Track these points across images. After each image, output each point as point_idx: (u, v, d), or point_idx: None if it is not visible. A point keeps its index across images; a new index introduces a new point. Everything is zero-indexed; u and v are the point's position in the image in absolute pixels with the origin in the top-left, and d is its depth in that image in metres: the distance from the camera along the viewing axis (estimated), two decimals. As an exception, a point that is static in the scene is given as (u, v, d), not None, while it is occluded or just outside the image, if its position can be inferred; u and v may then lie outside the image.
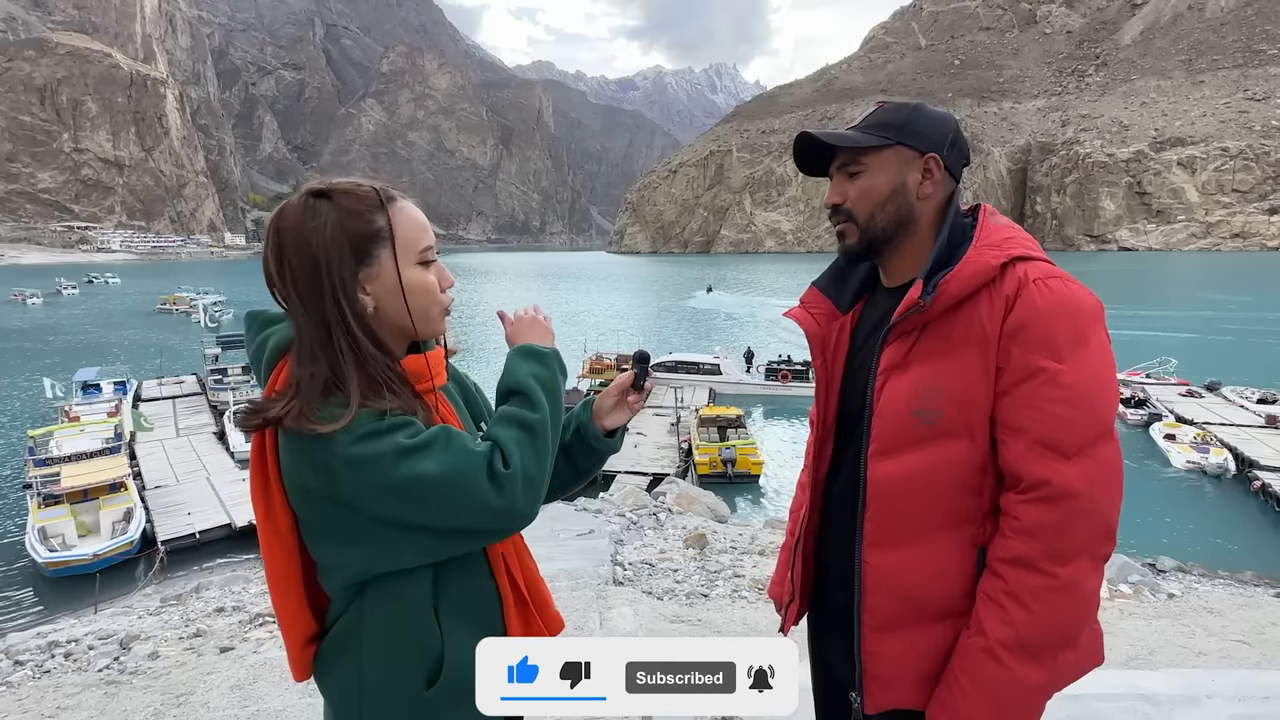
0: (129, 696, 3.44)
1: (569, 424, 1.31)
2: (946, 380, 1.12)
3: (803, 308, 1.38)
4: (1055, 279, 1.11)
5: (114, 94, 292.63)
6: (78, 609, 9.62)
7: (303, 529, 1.06)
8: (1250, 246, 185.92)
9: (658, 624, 4.05)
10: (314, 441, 0.96)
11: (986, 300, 1.12)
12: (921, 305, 1.13)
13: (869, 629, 1.17)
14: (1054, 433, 1.05)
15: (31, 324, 55.69)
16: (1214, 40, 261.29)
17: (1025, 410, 1.07)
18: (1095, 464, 1.05)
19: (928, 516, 1.14)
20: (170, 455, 19.99)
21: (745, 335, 45.84)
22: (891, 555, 1.16)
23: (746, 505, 17.42)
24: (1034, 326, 1.08)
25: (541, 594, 1.22)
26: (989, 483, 1.12)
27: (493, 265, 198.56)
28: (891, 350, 1.19)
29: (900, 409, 1.15)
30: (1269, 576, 8.53)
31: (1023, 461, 1.07)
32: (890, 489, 1.16)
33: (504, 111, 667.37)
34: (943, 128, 1.24)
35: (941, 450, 1.12)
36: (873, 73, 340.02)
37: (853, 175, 1.25)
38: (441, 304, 1.11)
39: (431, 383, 1.11)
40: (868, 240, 1.25)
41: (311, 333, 1.01)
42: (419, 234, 1.07)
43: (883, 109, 1.27)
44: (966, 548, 1.13)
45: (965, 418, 1.11)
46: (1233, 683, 2.86)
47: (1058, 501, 1.04)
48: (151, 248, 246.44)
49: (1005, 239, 1.17)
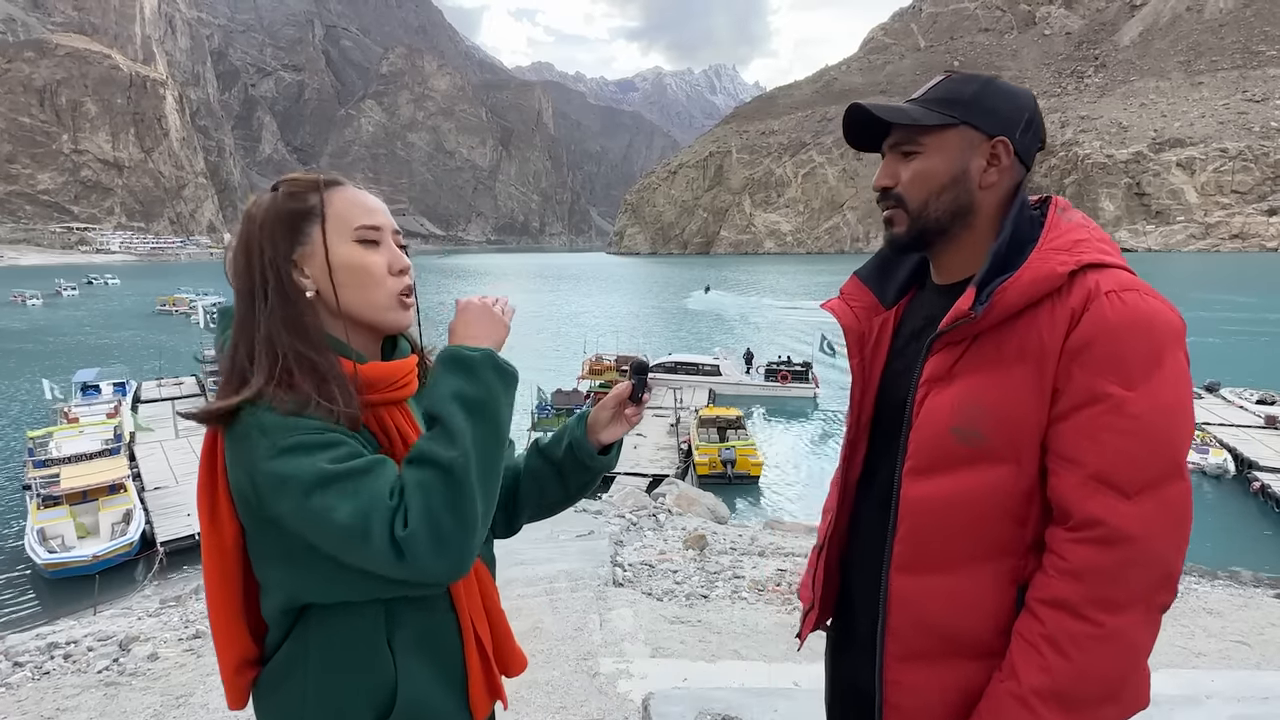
0: (128, 698, 3.44)
1: (561, 439, 1.23)
2: (993, 398, 1.00)
3: (842, 299, 1.27)
4: (1132, 291, 0.97)
5: (113, 95, 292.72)
6: (77, 610, 9.60)
7: (247, 542, 0.99)
8: (1249, 247, 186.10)
9: (658, 625, 4.05)
10: (239, 443, 0.91)
11: (1048, 312, 0.98)
12: (972, 316, 1.01)
13: (891, 656, 1.08)
14: (1114, 467, 0.93)
15: (31, 325, 55.64)
16: (1213, 41, 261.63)
17: (1084, 440, 0.95)
18: (1159, 505, 0.93)
19: (964, 544, 1.03)
20: (169, 456, 19.94)
21: (745, 336, 45.87)
22: (921, 582, 1.06)
23: (746, 506, 17.41)
24: (1101, 345, 0.94)
25: (504, 630, 1.15)
26: (1034, 513, 1.00)
27: (492, 266, 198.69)
28: (936, 360, 1.07)
29: (940, 425, 1.04)
30: (1268, 577, 8.54)
31: (1075, 496, 0.95)
32: (924, 511, 1.05)
33: (503, 113, 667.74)
34: (1018, 105, 1.08)
35: (983, 474, 1.00)
36: (872, 74, 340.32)
37: (907, 155, 1.11)
38: (389, 288, 1.01)
39: (387, 394, 1.02)
40: (918, 230, 1.11)
41: (239, 313, 0.98)
42: (356, 211, 1.00)
43: (949, 80, 1.12)
44: (1004, 582, 1.01)
45: (1011, 440, 0.99)
46: (1232, 683, 2.84)
47: (1112, 544, 0.92)
48: (151, 249, 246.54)
49: (1077, 241, 1.02)
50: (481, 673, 1.08)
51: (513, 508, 1.25)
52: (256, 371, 0.93)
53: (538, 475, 1.23)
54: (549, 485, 1.23)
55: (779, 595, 5.25)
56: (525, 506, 1.25)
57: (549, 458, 1.23)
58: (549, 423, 21.91)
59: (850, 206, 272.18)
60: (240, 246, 0.99)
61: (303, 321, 0.97)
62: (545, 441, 1.26)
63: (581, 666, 3.40)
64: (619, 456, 1.26)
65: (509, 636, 1.15)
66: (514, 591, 4.61)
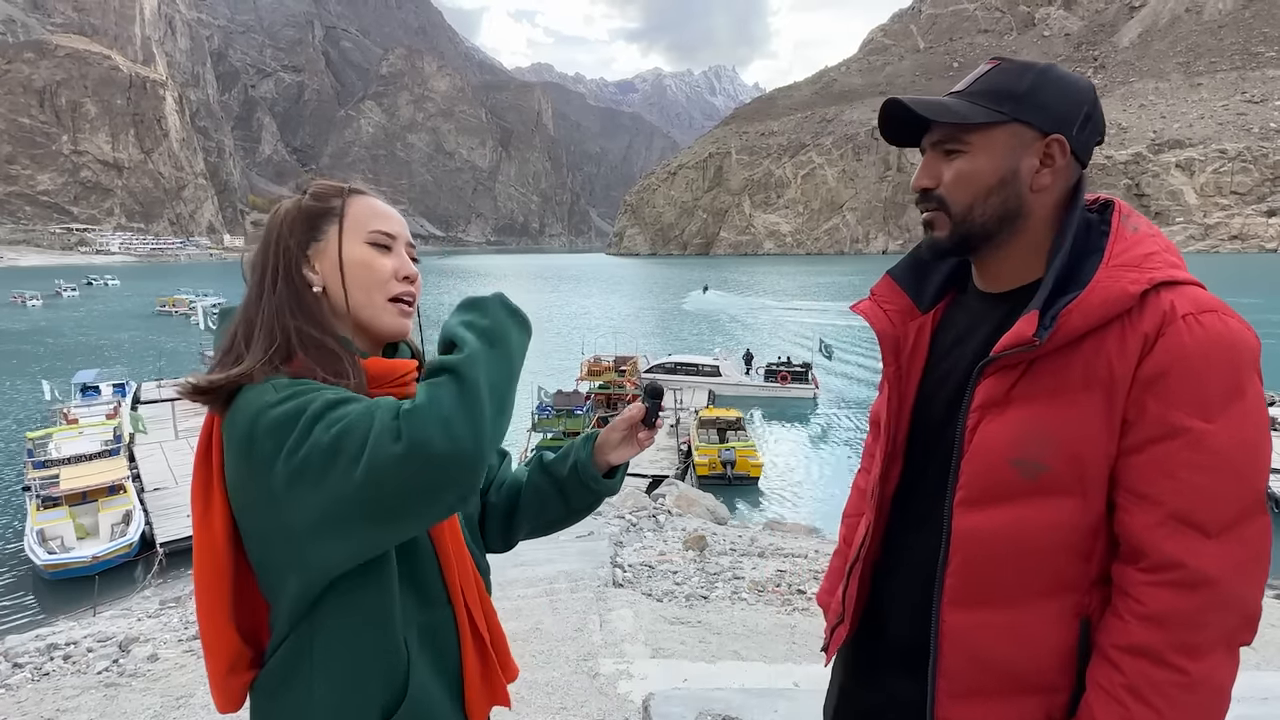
0: (128, 699, 3.44)
1: (566, 457, 1.21)
2: (1058, 429, 0.93)
3: (874, 301, 1.18)
4: (1210, 313, 0.89)
5: (113, 96, 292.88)
6: (76, 611, 9.61)
7: (247, 540, 0.96)
8: (1249, 248, 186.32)
9: (658, 626, 4.05)
10: (241, 412, 0.89)
11: (1118, 336, 0.90)
12: (1035, 344, 0.92)
13: (944, 694, 1.02)
14: (1196, 506, 0.87)
15: (31, 326, 55.64)
16: (1212, 43, 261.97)
17: (1161, 478, 0.88)
18: (1241, 544, 0.87)
19: (1023, 579, 0.96)
20: (169, 457, 19.93)
21: (744, 337, 45.89)
22: (977, 617, 0.99)
23: (746, 507, 17.41)
24: (1179, 376, 0.87)
25: (500, 634, 1.13)
26: (1100, 548, 0.94)
27: (491, 267, 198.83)
28: (990, 385, 0.98)
29: (997, 456, 0.96)
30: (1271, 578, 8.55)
31: (1153, 537, 0.88)
32: (980, 544, 0.98)
33: (503, 114, 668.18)
34: (1076, 99, 0.99)
35: (1045, 507, 0.94)
36: (871, 75, 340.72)
37: (950, 154, 1.02)
38: (388, 290, 1.02)
39: (388, 390, 1.00)
40: (961, 236, 1.03)
41: (246, 300, 1.00)
42: (373, 216, 1.03)
43: (998, 70, 1.01)
44: (1068, 618, 0.95)
45: (1078, 473, 0.92)
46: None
47: (1194, 589, 0.86)
48: (150, 249, 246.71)
49: (1146, 255, 0.93)
50: (479, 668, 1.07)
51: (511, 522, 1.24)
52: (254, 350, 0.93)
53: (539, 491, 1.22)
54: (550, 502, 1.22)
55: (779, 596, 5.25)
56: (524, 522, 1.24)
57: (552, 475, 1.22)
58: (549, 423, 21.91)
59: (850, 207, 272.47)
60: (260, 242, 1.02)
61: (309, 307, 0.98)
62: (550, 458, 1.24)
63: (582, 667, 3.39)
64: (623, 480, 1.25)
65: (504, 641, 1.14)
66: (514, 592, 4.62)
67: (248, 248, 1.05)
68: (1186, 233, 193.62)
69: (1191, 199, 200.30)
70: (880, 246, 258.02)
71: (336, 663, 0.95)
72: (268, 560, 0.95)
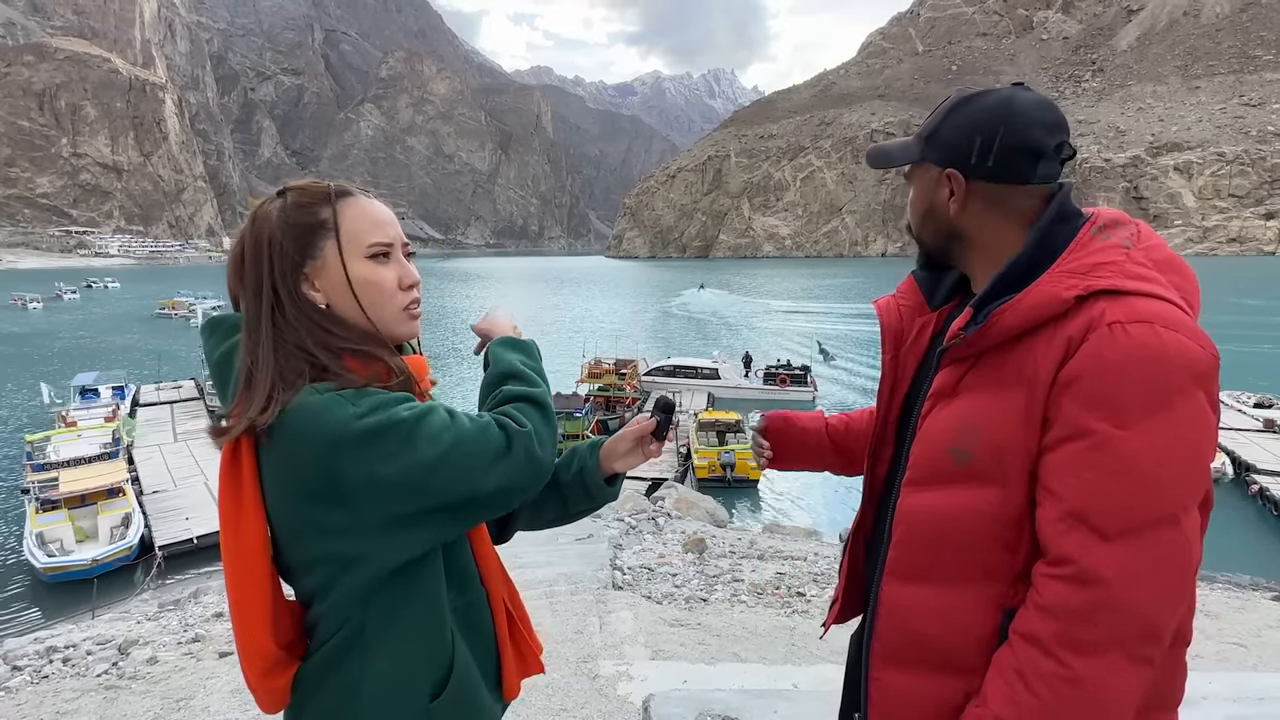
0: (128, 701, 3.45)
1: (572, 461, 1.26)
2: (986, 420, 0.98)
3: (894, 297, 1.27)
4: (1142, 324, 0.89)
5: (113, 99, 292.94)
6: (75, 614, 9.59)
7: (297, 541, 0.98)
8: (1248, 251, 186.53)
9: (657, 628, 4.05)
10: (305, 429, 0.90)
11: (1047, 338, 0.95)
12: (961, 337, 1.01)
13: (877, 656, 1.10)
14: (1094, 507, 0.89)
15: (32, 329, 55.57)
16: (1210, 46, 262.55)
17: (1065, 475, 0.91)
18: (1141, 551, 0.87)
19: (951, 561, 1.02)
20: (168, 460, 19.93)
21: (744, 339, 45.90)
22: (909, 591, 1.06)
23: (745, 510, 17.41)
24: (1092, 380, 0.90)
25: (523, 610, 1.20)
26: (1025, 542, 0.97)
27: (491, 270, 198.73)
28: (944, 375, 1.07)
29: (939, 442, 1.04)
30: (1267, 580, 8.55)
31: (1053, 531, 0.92)
32: (917, 523, 1.05)
33: (502, 116, 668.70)
34: (967, 134, 1.04)
35: (973, 495, 0.99)
36: (870, 78, 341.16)
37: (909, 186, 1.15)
38: (397, 303, 1.04)
39: (426, 384, 1.08)
40: (925, 254, 1.17)
41: (249, 325, 0.99)
42: (368, 227, 1.02)
43: (938, 108, 1.10)
44: (990, 607, 1.00)
45: (1000, 464, 0.97)
46: (1229, 685, 2.85)
47: (1083, 585, 0.89)
48: (150, 252, 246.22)
49: (1096, 265, 0.96)
50: (512, 646, 1.13)
51: (509, 518, 1.27)
52: (285, 378, 0.94)
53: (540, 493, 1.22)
54: (548, 504, 1.25)
55: (778, 598, 5.26)
56: (520, 516, 1.28)
57: (555, 479, 1.24)
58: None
59: (849, 210, 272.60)
60: (249, 254, 0.99)
61: (326, 324, 0.99)
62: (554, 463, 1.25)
63: (582, 669, 3.40)
64: (620, 489, 1.29)
65: (527, 616, 1.20)
66: (513, 595, 4.61)
67: (231, 249, 1.03)
68: (1185, 235, 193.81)
69: (1190, 202, 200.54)
70: (879, 249, 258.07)
71: (389, 647, 0.99)
72: (327, 559, 0.97)
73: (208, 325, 1.07)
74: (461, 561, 1.07)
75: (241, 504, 0.96)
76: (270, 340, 0.96)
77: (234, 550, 0.98)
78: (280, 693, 1.04)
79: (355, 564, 0.96)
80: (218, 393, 1.03)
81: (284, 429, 0.91)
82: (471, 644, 1.07)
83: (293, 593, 1.05)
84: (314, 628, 1.02)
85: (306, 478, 0.91)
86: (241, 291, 1.00)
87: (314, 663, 1.01)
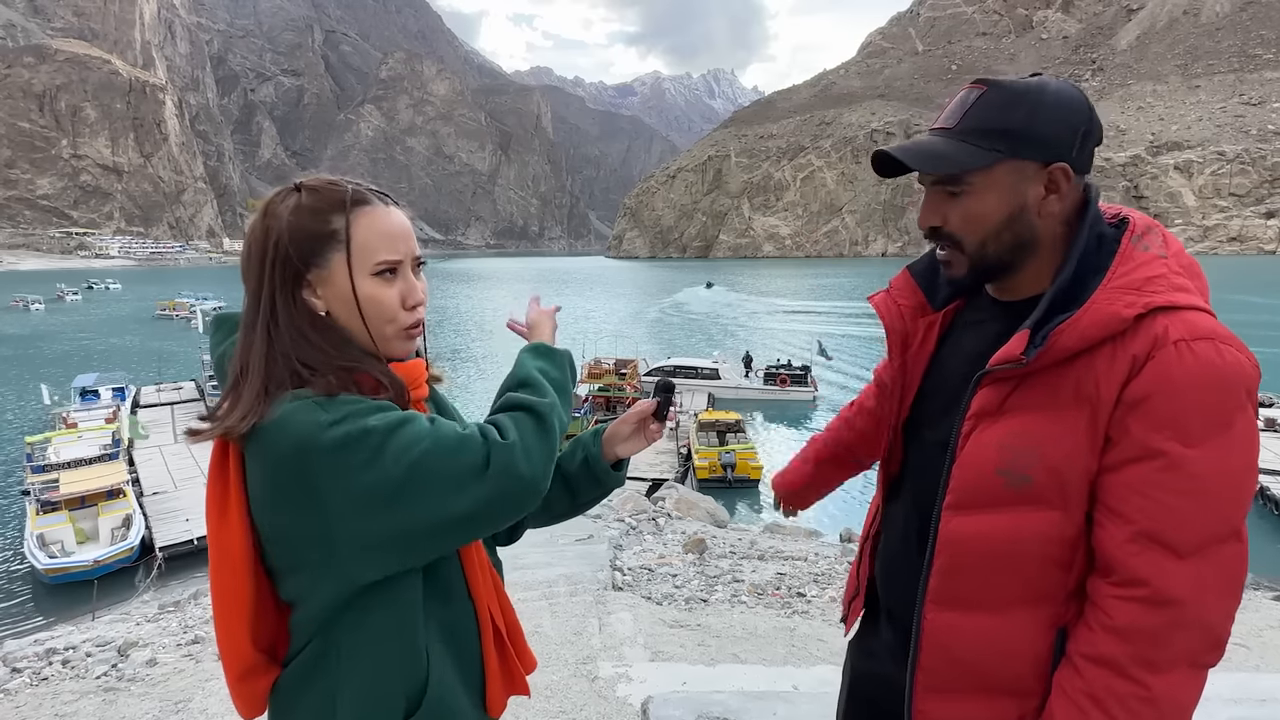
0: (126, 704, 3.44)
1: (575, 450, 1.23)
2: (1044, 442, 0.94)
3: (889, 296, 1.20)
4: (1204, 340, 0.88)
5: (113, 100, 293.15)
6: (75, 616, 9.59)
7: (274, 547, 0.96)
8: (1248, 250, 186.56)
9: (657, 629, 4.04)
10: (274, 436, 0.88)
11: (1108, 356, 0.91)
12: (1022, 362, 0.94)
13: (922, 688, 1.05)
14: (1167, 527, 0.88)
15: (34, 330, 55.60)
16: (1209, 45, 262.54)
17: (1135, 496, 0.89)
18: (1211, 567, 0.88)
19: (1004, 586, 0.98)
20: (168, 461, 19.93)
21: (744, 339, 45.91)
22: (957, 619, 1.02)
23: (746, 510, 17.41)
24: (1162, 400, 0.87)
25: (518, 628, 1.16)
26: (1079, 560, 0.96)
27: (491, 270, 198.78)
28: (986, 394, 0.99)
29: (985, 465, 0.98)
30: (1269, 580, 8.54)
31: (1123, 553, 0.90)
32: (965, 549, 1.00)
33: (502, 117, 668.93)
34: (1072, 121, 0.96)
35: (1028, 518, 0.95)
36: (870, 78, 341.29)
37: (952, 194, 1.00)
38: (399, 323, 1.00)
39: (421, 391, 1.06)
40: (981, 271, 1.03)
41: (246, 323, 0.97)
42: (380, 243, 0.98)
43: (984, 100, 0.98)
44: (1044, 627, 0.97)
45: (1061, 487, 0.94)
46: (1230, 686, 2.83)
47: (1158, 606, 0.88)
48: (150, 253, 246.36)
49: (1149, 278, 0.93)
50: (499, 663, 1.09)
51: None
52: (271, 386, 0.92)
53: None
54: (557, 495, 1.23)
55: (779, 599, 5.25)
56: (529, 516, 1.21)
57: (560, 469, 1.22)
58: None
59: (849, 210, 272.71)
60: (254, 251, 0.97)
61: (321, 333, 0.97)
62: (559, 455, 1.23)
63: (580, 670, 3.38)
64: (626, 473, 1.27)
65: (520, 633, 1.16)
66: (513, 595, 4.57)
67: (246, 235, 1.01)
68: (1185, 235, 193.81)
69: (1190, 201, 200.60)
70: (880, 249, 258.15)
71: (363, 662, 0.96)
72: (300, 567, 0.95)
73: (214, 321, 1.07)
74: (445, 574, 1.03)
75: (226, 502, 0.96)
76: (263, 347, 0.94)
77: (216, 547, 0.97)
78: (257, 699, 1.02)
79: (326, 575, 0.94)
80: (220, 388, 1.00)
81: (257, 435, 0.90)
82: (455, 659, 1.04)
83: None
84: (292, 634, 1.01)
85: (276, 485, 0.90)
86: (245, 283, 0.99)
87: (289, 674, 1.00)
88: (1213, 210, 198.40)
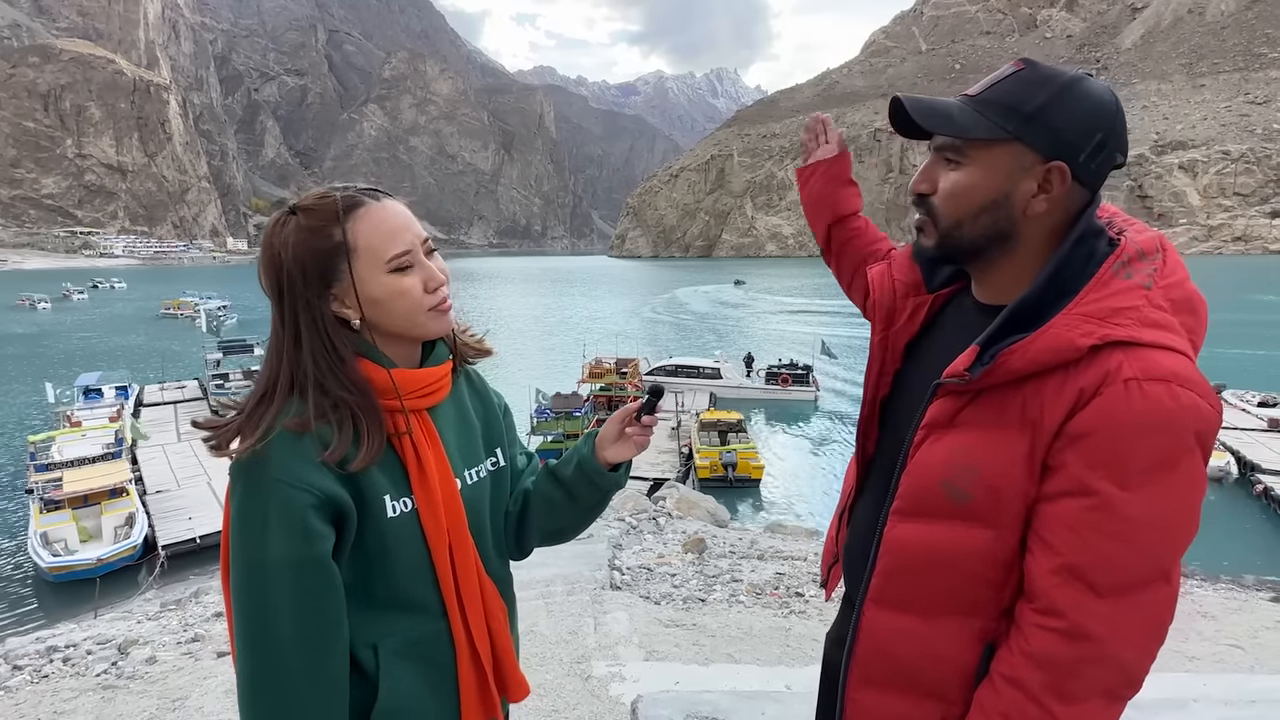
0: (125, 701, 3.46)
1: (570, 460, 1.24)
2: (986, 462, 0.93)
3: (888, 266, 1.19)
4: (1158, 382, 0.84)
5: (117, 100, 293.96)
6: (77, 614, 9.63)
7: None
8: (1253, 250, 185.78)
9: (652, 628, 4.05)
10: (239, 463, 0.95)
11: (1057, 384, 0.88)
12: (966, 378, 0.93)
13: (855, 679, 1.08)
14: (1090, 565, 0.87)
15: (41, 329, 55.81)
16: (1214, 44, 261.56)
17: (1064, 530, 0.88)
18: (1131, 609, 0.87)
19: (937, 595, 0.99)
20: (171, 460, 20.00)
21: (745, 339, 45.88)
22: (891, 619, 1.04)
23: (747, 509, 17.41)
24: (1103, 439, 0.85)
25: (506, 650, 1.14)
26: (1012, 580, 0.96)
27: (494, 270, 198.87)
28: (940, 406, 0.99)
29: (930, 477, 0.98)
30: (1270, 581, 8.53)
31: (1046, 582, 0.89)
32: (905, 554, 1.02)
33: (505, 116, 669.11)
34: (1090, 124, 0.92)
35: (965, 534, 0.96)
36: (873, 77, 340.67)
37: (950, 163, 0.98)
38: (423, 306, 1.04)
39: (415, 401, 1.06)
40: (947, 248, 1.01)
41: (273, 350, 1.01)
42: (384, 240, 1.00)
43: (1018, 78, 0.94)
44: (973, 639, 0.98)
45: (996, 508, 0.93)
46: (1222, 687, 2.85)
47: (1073, 640, 0.87)
48: (154, 252, 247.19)
49: (1117, 309, 0.88)
50: (475, 686, 1.07)
51: (522, 528, 1.26)
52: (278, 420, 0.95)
53: (547, 497, 1.24)
54: (559, 507, 1.23)
55: (776, 599, 5.25)
56: (534, 529, 1.26)
57: (559, 478, 1.24)
58: (548, 426, 21.90)
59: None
60: (269, 283, 1.00)
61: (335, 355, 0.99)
62: (554, 463, 1.27)
63: (575, 670, 3.40)
64: (628, 475, 1.27)
65: (510, 656, 1.14)
66: (510, 595, 4.61)
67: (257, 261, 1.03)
68: (1190, 234, 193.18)
69: (1195, 200, 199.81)
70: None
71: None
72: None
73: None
74: (406, 589, 1.03)
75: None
76: (287, 377, 0.98)
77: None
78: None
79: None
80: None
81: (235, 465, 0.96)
82: (422, 675, 1.04)
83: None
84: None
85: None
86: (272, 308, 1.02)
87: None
88: (1217, 210, 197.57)
